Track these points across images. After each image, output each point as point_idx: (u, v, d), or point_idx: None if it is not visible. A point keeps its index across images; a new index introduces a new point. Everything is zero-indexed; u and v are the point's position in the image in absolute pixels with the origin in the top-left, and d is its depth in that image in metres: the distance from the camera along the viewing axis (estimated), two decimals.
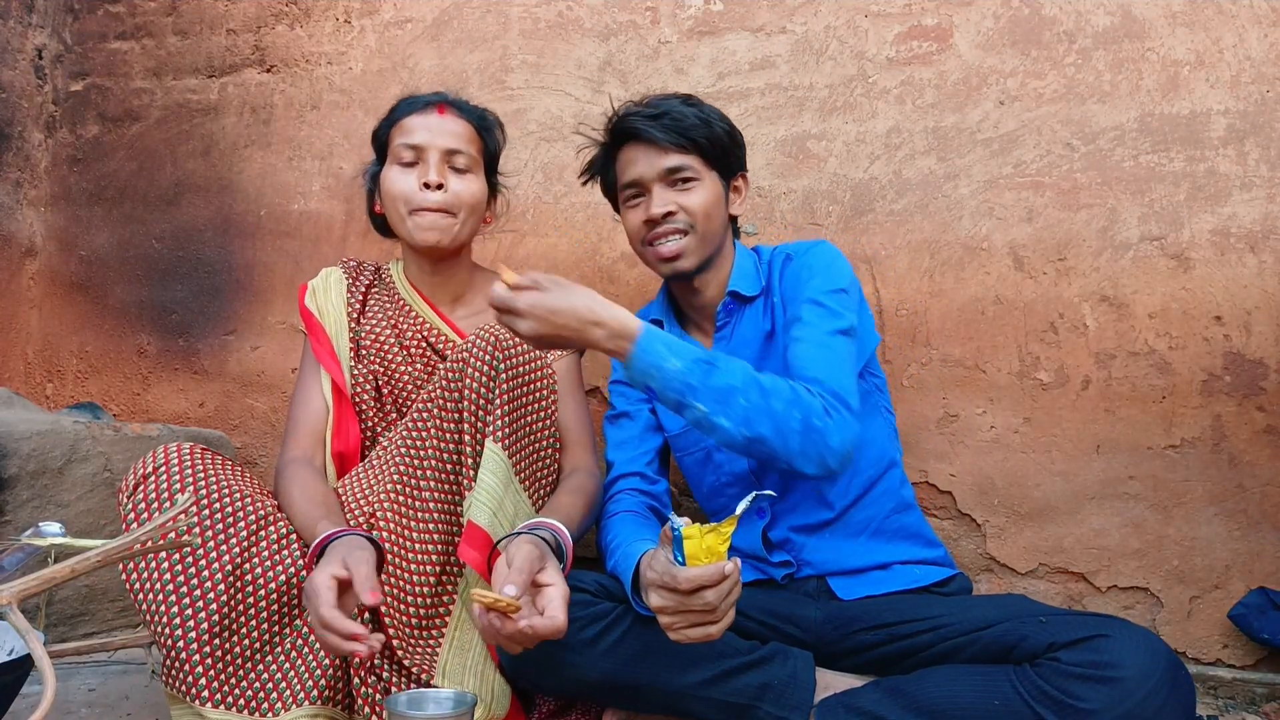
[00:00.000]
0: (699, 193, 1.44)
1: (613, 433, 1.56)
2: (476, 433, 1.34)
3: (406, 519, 1.36)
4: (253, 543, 1.29)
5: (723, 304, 1.49)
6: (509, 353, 1.36)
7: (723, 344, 1.50)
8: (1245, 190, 1.73)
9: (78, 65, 2.52)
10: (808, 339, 1.34)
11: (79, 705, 1.49)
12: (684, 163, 1.43)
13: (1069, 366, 1.80)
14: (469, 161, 1.56)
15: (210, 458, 1.37)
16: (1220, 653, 1.71)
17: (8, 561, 1.27)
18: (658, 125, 1.43)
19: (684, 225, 1.43)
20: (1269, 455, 1.70)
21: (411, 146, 1.53)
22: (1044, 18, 1.85)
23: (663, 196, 1.43)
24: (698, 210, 1.43)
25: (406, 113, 1.56)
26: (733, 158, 1.49)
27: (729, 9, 2.03)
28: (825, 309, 1.37)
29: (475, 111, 1.61)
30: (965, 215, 1.87)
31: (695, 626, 1.07)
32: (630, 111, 1.47)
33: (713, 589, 1.05)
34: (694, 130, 1.43)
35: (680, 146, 1.43)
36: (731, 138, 1.49)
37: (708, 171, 1.46)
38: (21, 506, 1.72)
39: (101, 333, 2.46)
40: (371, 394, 1.54)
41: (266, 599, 1.27)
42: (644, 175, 1.44)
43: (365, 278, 1.65)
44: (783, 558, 1.42)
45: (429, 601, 1.35)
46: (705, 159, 1.45)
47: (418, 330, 1.58)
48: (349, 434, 1.53)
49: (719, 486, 1.50)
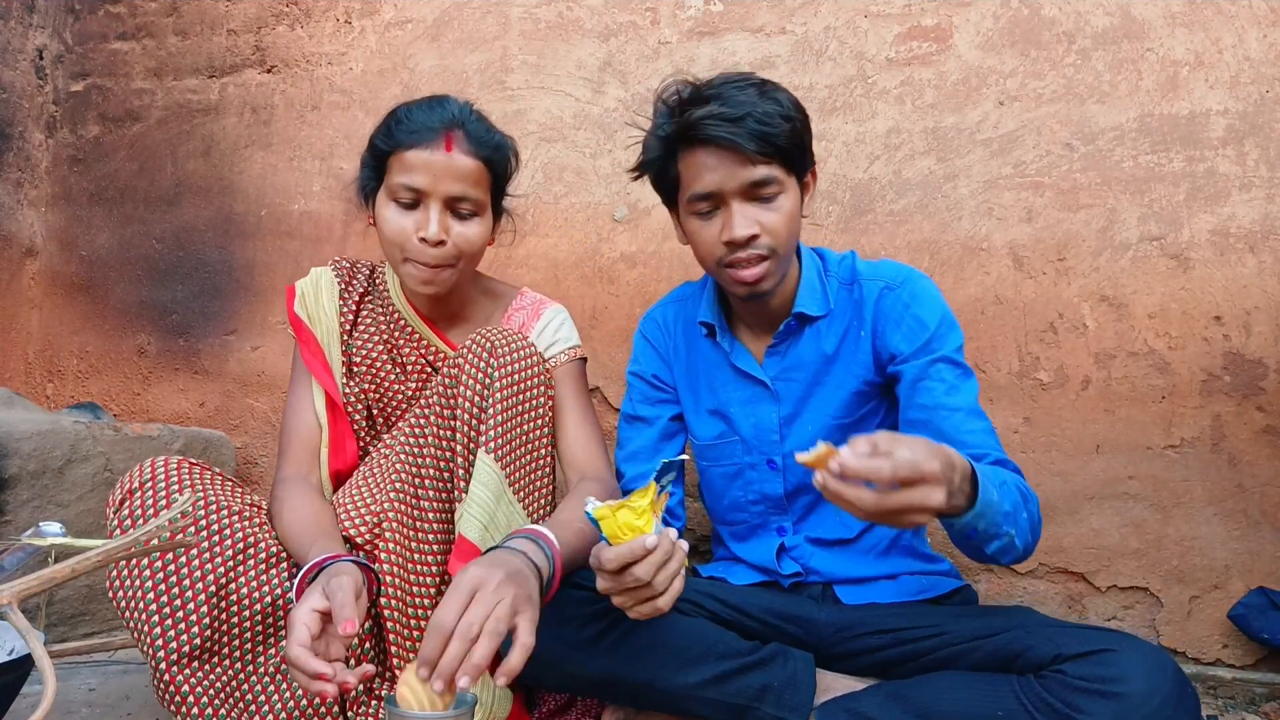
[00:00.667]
0: (783, 207, 1.27)
1: (627, 435, 1.50)
2: (470, 442, 1.30)
3: (410, 531, 1.34)
4: (239, 561, 1.26)
5: (785, 323, 1.37)
6: (504, 358, 1.32)
7: (776, 359, 1.40)
8: (1244, 190, 1.73)
9: (78, 65, 2.52)
10: (962, 407, 1.26)
11: (79, 705, 1.49)
12: (770, 174, 1.25)
13: (1069, 366, 1.80)
14: (474, 206, 1.41)
15: (199, 471, 1.33)
16: (1220, 653, 1.71)
17: (8, 561, 1.27)
18: (742, 131, 1.22)
19: (766, 250, 1.27)
20: (1268, 455, 1.70)
21: (412, 189, 1.37)
22: (1043, 18, 1.85)
23: (744, 213, 1.26)
24: (782, 230, 1.28)
25: (410, 142, 1.38)
26: (809, 154, 1.32)
27: (729, 9, 2.03)
28: (961, 369, 1.29)
29: (487, 144, 1.41)
30: (965, 215, 1.87)
31: (642, 603, 1.05)
32: (705, 112, 1.24)
33: (639, 564, 1.02)
34: (781, 135, 1.23)
35: (766, 156, 1.24)
36: (809, 129, 1.31)
37: (789, 179, 1.28)
38: (21, 506, 1.72)
39: (102, 333, 2.46)
40: (363, 414, 1.49)
41: (251, 619, 1.25)
42: (723, 187, 1.26)
43: (359, 284, 1.55)
44: (793, 569, 1.40)
45: (431, 614, 1.34)
46: (788, 165, 1.27)
47: (415, 347, 1.51)
48: (346, 450, 1.47)
49: (743, 503, 1.45)
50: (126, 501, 1.28)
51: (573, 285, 2.08)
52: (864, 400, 1.38)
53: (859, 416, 1.39)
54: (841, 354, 1.38)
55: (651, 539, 1.03)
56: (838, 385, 1.38)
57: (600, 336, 2.06)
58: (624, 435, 1.52)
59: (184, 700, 1.21)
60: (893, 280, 1.36)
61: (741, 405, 1.43)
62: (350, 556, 1.22)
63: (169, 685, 1.21)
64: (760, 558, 1.42)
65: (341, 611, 1.06)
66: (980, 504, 1.02)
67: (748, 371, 1.41)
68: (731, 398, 1.43)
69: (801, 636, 1.33)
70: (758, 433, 1.42)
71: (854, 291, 1.38)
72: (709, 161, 1.26)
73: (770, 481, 1.42)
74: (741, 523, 1.46)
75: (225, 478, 1.39)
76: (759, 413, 1.42)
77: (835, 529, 1.40)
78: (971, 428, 1.25)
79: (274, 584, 1.27)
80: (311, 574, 1.17)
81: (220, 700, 1.23)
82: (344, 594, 1.09)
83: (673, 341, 1.52)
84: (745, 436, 1.43)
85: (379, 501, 1.36)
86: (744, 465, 1.43)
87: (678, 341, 1.51)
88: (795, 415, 1.40)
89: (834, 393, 1.38)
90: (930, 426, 1.26)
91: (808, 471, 1.37)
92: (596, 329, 2.06)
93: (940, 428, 1.25)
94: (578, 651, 1.21)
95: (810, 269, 1.40)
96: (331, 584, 1.11)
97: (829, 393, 1.38)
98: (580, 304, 2.06)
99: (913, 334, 1.31)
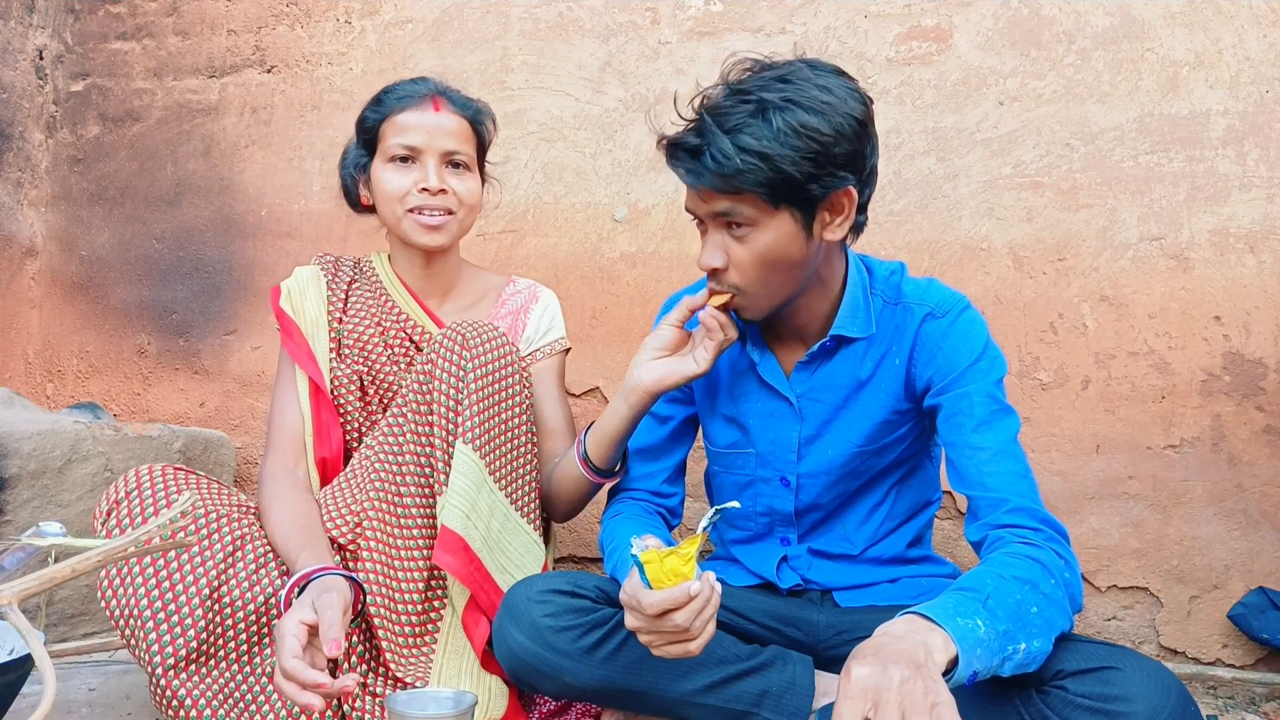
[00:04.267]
0: (754, 242, 1.17)
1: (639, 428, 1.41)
2: (448, 435, 1.31)
3: (392, 528, 1.34)
4: (230, 563, 1.26)
5: (821, 344, 1.28)
6: (476, 350, 1.32)
7: (804, 376, 1.32)
8: (1244, 190, 1.73)
9: (78, 65, 2.52)
10: (989, 446, 1.16)
11: (79, 705, 1.49)
12: (734, 208, 1.15)
13: (1068, 366, 1.80)
14: (466, 160, 1.50)
15: (185, 477, 1.34)
16: (1220, 652, 1.71)
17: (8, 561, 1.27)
18: (697, 167, 1.14)
19: (730, 287, 1.21)
20: (1268, 455, 1.70)
21: (407, 147, 1.46)
22: (1043, 18, 1.85)
23: (714, 240, 1.19)
24: (749, 267, 1.18)
25: (399, 106, 1.48)
26: (818, 183, 1.14)
27: (729, 9, 2.03)
28: (998, 404, 1.19)
29: (469, 105, 1.54)
30: (965, 215, 1.87)
31: (673, 644, 1.04)
32: (674, 138, 1.17)
33: (680, 611, 1.01)
34: (743, 177, 1.11)
35: (729, 192, 1.14)
36: (824, 155, 1.12)
37: (770, 214, 1.15)
38: (22, 506, 1.72)
39: (102, 333, 2.46)
40: (356, 394, 1.50)
41: (245, 620, 1.25)
42: (697, 209, 1.21)
43: (345, 274, 1.58)
44: (792, 580, 1.37)
45: (420, 609, 1.34)
46: (769, 199, 1.14)
47: (401, 327, 1.53)
48: (331, 439, 1.48)
49: (752, 513, 1.40)
50: (114, 512, 1.29)
51: (573, 285, 2.08)
52: (892, 429, 1.32)
53: (883, 445, 1.33)
54: (875, 380, 1.30)
55: (695, 586, 1.01)
56: (865, 412, 1.30)
57: (600, 336, 2.06)
58: None
59: (182, 705, 1.21)
60: (938, 308, 1.26)
61: (761, 419, 1.36)
62: (339, 570, 1.22)
63: (166, 691, 1.21)
64: (759, 566, 1.40)
65: (329, 631, 1.08)
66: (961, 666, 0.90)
67: (773, 386, 1.34)
68: (752, 409, 1.37)
69: (801, 639, 1.32)
70: (775, 449, 1.36)
71: (897, 314, 1.29)
72: (686, 181, 1.19)
73: (781, 498, 1.37)
74: (746, 530, 1.43)
75: (213, 480, 1.40)
76: (778, 429, 1.35)
77: (840, 545, 1.36)
78: (996, 470, 1.15)
79: (265, 584, 1.27)
80: (300, 585, 1.18)
81: (219, 703, 1.23)
82: (332, 612, 1.11)
83: None
84: (761, 451, 1.37)
85: (359, 500, 1.36)
86: (756, 478, 1.38)
87: None
88: (816, 437, 1.34)
89: (860, 419, 1.31)
90: (956, 467, 1.19)
91: (819, 491, 1.36)
92: (596, 329, 2.06)
93: (964, 470, 1.17)
94: (574, 661, 1.19)
95: (856, 285, 1.29)
96: (321, 600, 1.13)
97: (855, 419, 1.31)
98: (580, 304, 2.06)
99: (949, 366, 1.24)
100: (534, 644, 1.19)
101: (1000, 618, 0.95)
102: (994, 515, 1.13)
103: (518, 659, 1.21)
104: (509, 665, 1.24)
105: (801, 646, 1.31)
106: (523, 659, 1.20)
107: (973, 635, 0.92)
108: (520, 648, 1.20)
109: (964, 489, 1.18)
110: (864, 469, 1.34)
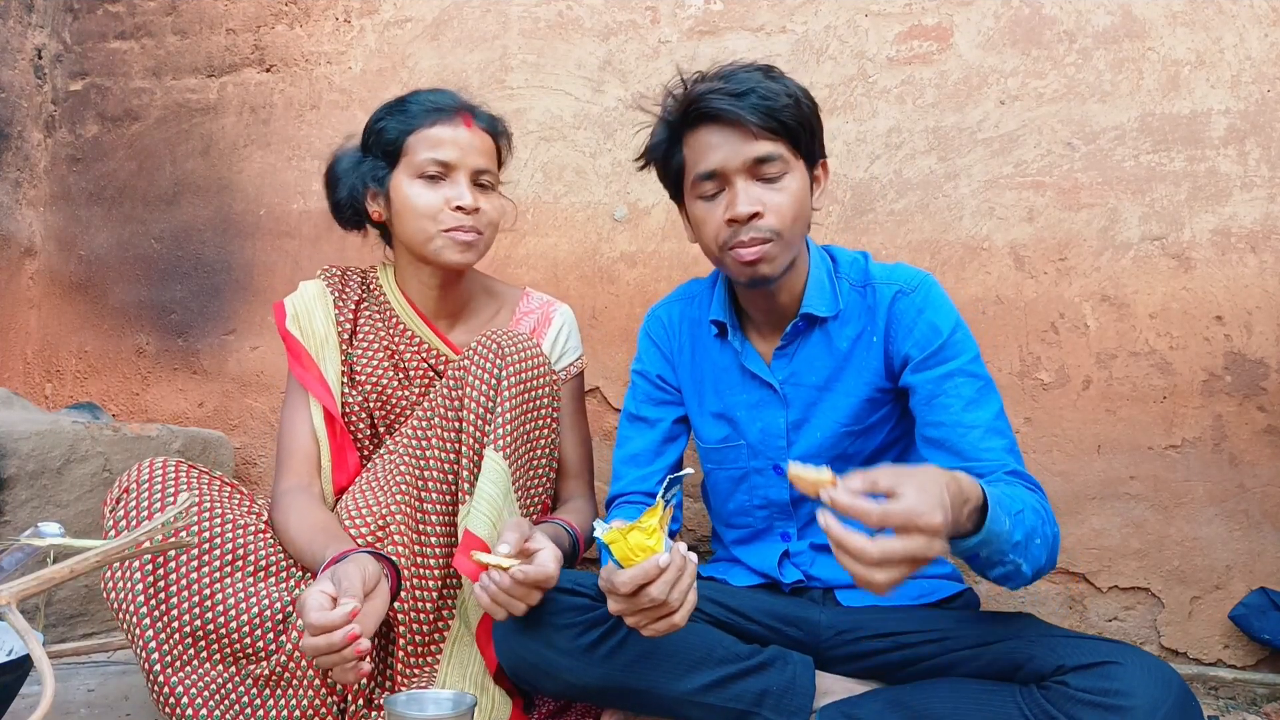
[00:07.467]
0: (788, 188, 1.24)
1: (628, 434, 1.47)
2: (475, 441, 1.31)
3: (416, 531, 1.34)
4: (226, 572, 1.26)
5: (793, 324, 1.34)
6: (512, 359, 1.32)
7: (784, 362, 1.37)
8: (1246, 190, 1.73)
9: (77, 65, 2.51)
10: (980, 423, 1.22)
11: (79, 705, 1.48)
12: (774, 151, 1.23)
13: (1070, 366, 1.80)
14: (492, 179, 1.48)
15: (196, 474, 1.34)
16: (1221, 653, 1.71)
17: (7, 561, 1.27)
18: (745, 104, 1.21)
19: (768, 232, 1.24)
20: (1270, 455, 1.70)
21: (440, 163, 1.42)
22: (1044, 17, 1.85)
23: (749, 192, 1.23)
24: (786, 210, 1.24)
25: (430, 120, 1.44)
26: (818, 142, 1.30)
27: (729, 8, 2.02)
28: (981, 381, 1.26)
29: (494, 123, 1.52)
30: (966, 215, 1.86)
31: (657, 620, 1.05)
32: (708, 88, 1.24)
33: (654, 584, 1.02)
34: (785, 111, 1.22)
35: (770, 131, 1.22)
36: (818, 118, 1.29)
37: (796, 161, 1.26)
38: (21, 506, 1.72)
39: (101, 333, 2.46)
40: (365, 421, 1.49)
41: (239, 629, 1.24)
42: (726, 164, 1.24)
43: (353, 291, 1.54)
44: (795, 576, 1.38)
45: (433, 615, 1.34)
46: (794, 146, 1.25)
47: (416, 351, 1.51)
48: (348, 464, 1.47)
49: (749, 507, 1.42)
50: (122, 500, 1.29)
51: (573, 285, 2.08)
52: (875, 407, 1.35)
53: (870, 424, 1.35)
54: (853, 359, 1.34)
55: (664, 558, 1.02)
56: (848, 391, 1.34)
57: (600, 336, 2.05)
58: (625, 434, 1.49)
59: (178, 702, 1.21)
60: (907, 284, 1.32)
61: (748, 409, 1.39)
62: (369, 549, 1.24)
63: (163, 687, 1.21)
64: (761, 563, 1.40)
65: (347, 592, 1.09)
66: (985, 533, 0.98)
67: (756, 374, 1.38)
68: (738, 401, 1.40)
69: (802, 639, 1.32)
70: (764, 438, 1.38)
71: (867, 295, 1.34)
72: (712, 140, 1.25)
73: (776, 487, 1.39)
74: (745, 527, 1.44)
75: (225, 481, 1.39)
76: (766, 417, 1.38)
77: None
78: (989, 445, 1.21)
79: (261, 595, 1.27)
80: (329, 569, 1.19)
81: (215, 703, 1.23)
82: (349, 581, 1.12)
83: (678, 341, 1.48)
84: (751, 441, 1.39)
85: (384, 504, 1.36)
86: (750, 470, 1.40)
87: (683, 341, 1.48)
88: (804, 421, 1.37)
89: (844, 399, 1.34)
90: (947, 446, 1.23)
91: None
92: (596, 329, 2.06)
93: (958, 447, 1.22)
94: (574, 660, 1.19)
95: (819, 268, 1.35)
96: (338, 571, 1.14)
97: (839, 399, 1.34)
98: (580, 304, 2.05)
99: (926, 340, 1.28)
100: (534, 642, 1.20)
101: (1018, 533, 1.04)
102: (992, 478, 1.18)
103: (518, 657, 1.21)
104: (509, 664, 1.24)
105: (803, 646, 1.30)
106: (523, 657, 1.21)
107: (1000, 527, 1.00)
108: (520, 646, 1.20)
109: (956, 463, 1.21)
110: (854, 451, 1.36)
